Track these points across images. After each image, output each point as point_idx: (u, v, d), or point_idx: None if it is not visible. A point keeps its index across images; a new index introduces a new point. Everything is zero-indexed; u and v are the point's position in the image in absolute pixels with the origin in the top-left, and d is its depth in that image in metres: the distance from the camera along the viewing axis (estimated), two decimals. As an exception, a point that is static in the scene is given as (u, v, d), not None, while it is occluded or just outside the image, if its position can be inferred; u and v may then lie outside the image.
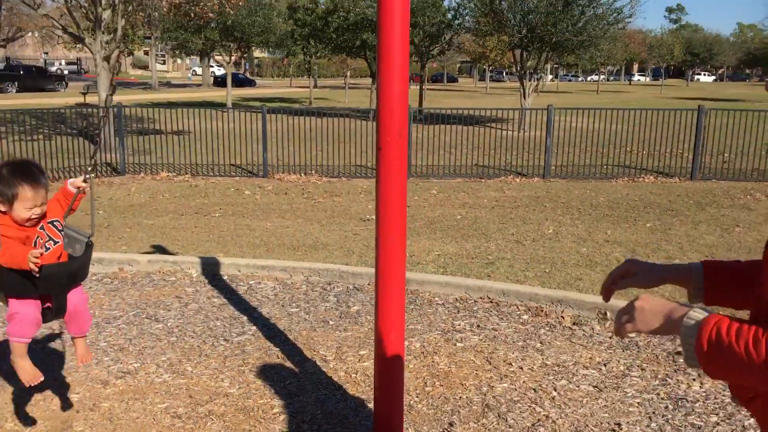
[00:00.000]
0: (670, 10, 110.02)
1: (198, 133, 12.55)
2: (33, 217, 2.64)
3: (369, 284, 5.41)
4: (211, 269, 5.76)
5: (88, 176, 2.87)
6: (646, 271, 1.64)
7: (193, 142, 12.40)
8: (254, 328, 4.56)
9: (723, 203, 9.43)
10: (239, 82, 51.55)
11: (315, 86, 41.50)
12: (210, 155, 12.24)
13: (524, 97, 20.87)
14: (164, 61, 76.59)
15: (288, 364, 3.99)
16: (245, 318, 4.74)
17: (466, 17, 23.69)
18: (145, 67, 71.75)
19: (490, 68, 61.03)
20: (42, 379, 2.80)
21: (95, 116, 14.58)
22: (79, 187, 2.82)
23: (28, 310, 2.69)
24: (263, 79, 72.19)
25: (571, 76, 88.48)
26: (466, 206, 9.19)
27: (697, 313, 1.32)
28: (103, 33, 13.83)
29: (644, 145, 13.00)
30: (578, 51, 22.07)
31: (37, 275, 2.55)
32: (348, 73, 44.54)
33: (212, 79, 55.24)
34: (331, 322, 4.67)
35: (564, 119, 14.33)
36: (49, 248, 2.71)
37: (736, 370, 1.26)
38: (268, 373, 3.86)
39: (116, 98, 15.18)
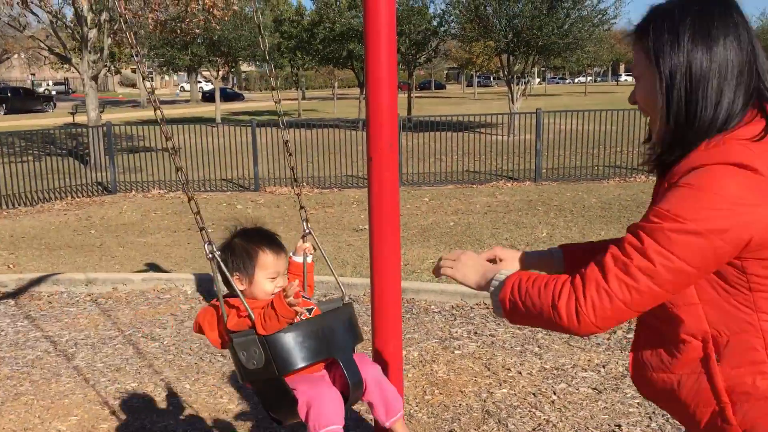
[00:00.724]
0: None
1: (188, 149, 12.54)
2: (276, 290, 2.07)
3: (365, 295, 5.40)
4: (206, 285, 5.73)
5: (307, 231, 2.44)
6: (510, 258, 1.77)
7: (184, 158, 12.38)
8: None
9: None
10: (227, 96, 51.57)
11: (303, 98, 41.56)
12: (201, 171, 12.22)
13: (512, 101, 20.95)
14: (152, 78, 76.58)
15: (286, 378, 3.97)
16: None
17: (452, 24, 23.82)
18: (133, 85, 71.74)
19: (478, 74, 61.30)
20: None
21: (84, 136, 14.55)
22: (304, 250, 2.36)
23: (323, 389, 2.04)
24: (251, 93, 72.22)
25: (559, 78, 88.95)
26: (458, 213, 9.20)
27: (506, 272, 1.49)
28: (89, 52, 13.82)
29: (634, 144, 13.05)
30: (565, 53, 22.20)
31: (307, 316, 2.05)
32: (335, 84, 44.64)
33: (200, 94, 55.23)
34: (328, 334, 4.65)
35: (553, 122, 14.40)
36: (309, 310, 2.14)
37: (532, 315, 1.39)
38: (266, 388, 3.84)
39: (105, 117, 15.17)
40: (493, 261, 1.78)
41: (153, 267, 6.63)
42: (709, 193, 1.23)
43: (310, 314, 2.10)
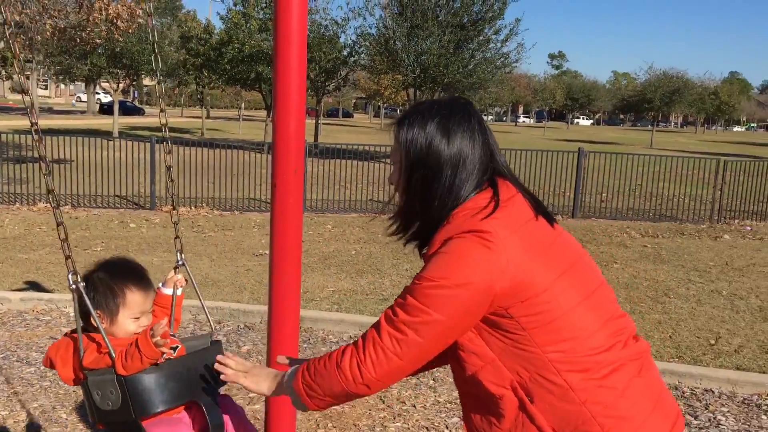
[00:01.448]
0: (552, 56, 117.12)
1: (81, 162, 11.95)
2: (139, 330, 1.94)
3: (261, 322, 5.28)
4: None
5: (180, 262, 2.32)
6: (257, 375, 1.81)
7: (75, 171, 11.79)
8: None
9: (602, 240, 9.96)
10: (127, 110, 49.80)
11: (208, 117, 40.73)
12: (93, 186, 11.67)
13: (417, 134, 21.39)
14: (46, 86, 72.91)
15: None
16: (128, 359, 4.48)
17: (362, 55, 24.13)
18: (26, 92, 68.01)
19: (385, 105, 62.30)
20: None
21: (-35, 142, 13.59)
22: (175, 282, 2.25)
23: (177, 429, 1.95)
24: (153, 108, 70.13)
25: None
26: (360, 241, 9.21)
27: (288, 374, 1.63)
28: (-23, 54, 12.99)
29: (529, 184, 13.57)
30: (469, 92, 22.93)
31: (172, 356, 1.92)
32: (242, 105, 44.08)
33: (98, 106, 53.05)
34: (220, 363, 4.49)
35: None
36: (174, 349, 1.97)
37: (325, 389, 1.53)
38: (151, 418, 3.65)
39: (-10, 123, 14.25)
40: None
41: (34, 286, 6.22)
42: (453, 256, 1.44)
43: (174, 353, 1.96)
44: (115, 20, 13.00)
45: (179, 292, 2.24)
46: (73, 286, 1.85)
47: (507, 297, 1.44)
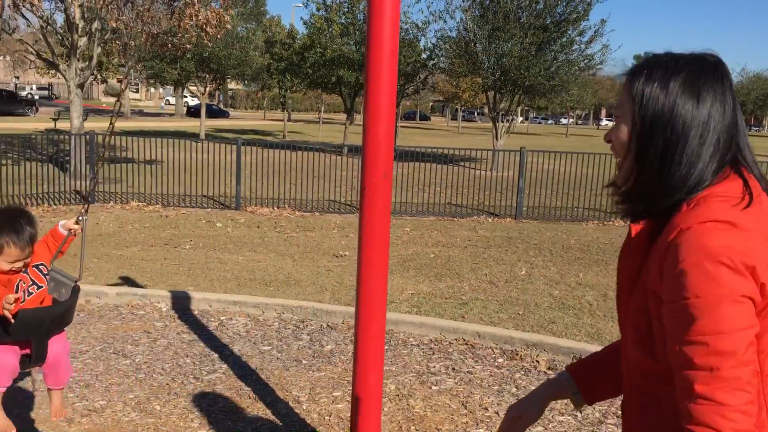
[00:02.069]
0: (637, 57, 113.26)
1: (170, 163, 12.44)
2: (14, 269, 2.54)
3: (343, 323, 5.35)
4: (181, 303, 5.64)
5: (81, 218, 2.78)
6: (526, 408, 1.72)
7: (165, 172, 12.28)
8: (225, 366, 4.46)
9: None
10: (213, 113, 51.48)
11: (289, 119, 41.60)
12: (182, 186, 12.12)
13: (496, 137, 21.17)
14: (137, 89, 76.23)
15: (260, 405, 3.89)
16: (216, 355, 4.63)
17: (441, 58, 24.08)
18: (118, 95, 71.32)
19: (463, 108, 61.98)
20: (14, 431, 2.67)
21: (65, 143, 14.38)
22: (70, 229, 2.74)
23: (4, 358, 2.56)
24: (237, 111, 72.19)
25: (541, 118, 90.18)
26: (439, 245, 9.20)
27: None
28: (78, 60, 13.73)
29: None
30: (550, 95, 22.55)
31: (12, 322, 2.44)
32: (322, 108, 44.82)
33: (185, 109, 55.07)
34: (304, 362, 4.58)
35: (536, 161, 14.54)
36: (31, 293, 2.61)
37: None
38: (239, 414, 3.76)
39: (88, 125, 15.03)
40: (513, 423, 1.73)
41: (128, 281, 6.51)
42: (709, 263, 1.22)
43: (38, 290, 2.63)
44: (204, 26, 13.48)
45: (71, 235, 2.76)
46: None
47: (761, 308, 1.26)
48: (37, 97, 55.84)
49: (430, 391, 4.17)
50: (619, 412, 3.93)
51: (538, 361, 4.67)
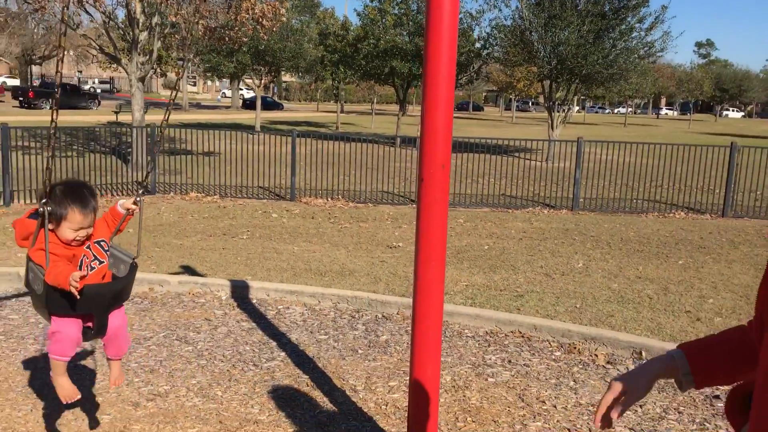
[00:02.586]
0: (699, 45, 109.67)
1: (227, 154, 12.67)
2: (77, 239, 2.67)
3: (398, 313, 5.37)
4: (239, 292, 5.76)
5: (139, 198, 2.90)
6: (633, 383, 1.61)
7: (222, 163, 12.52)
8: (283, 354, 4.54)
9: (756, 242, 9.27)
10: (267, 105, 52.16)
11: (342, 111, 41.82)
12: (238, 177, 12.34)
13: (552, 128, 20.83)
14: (194, 82, 77.80)
15: (317, 392, 3.95)
16: (274, 343, 4.72)
17: (496, 47, 23.80)
18: (176, 89, 72.90)
19: (517, 98, 61.17)
20: (79, 396, 2.82)
21: (127, 135, 14.80)
22: (128, 209, 2.85)
23: (69, 329, 2.70)
24: (290, 103, 72.99)
25: (598, 107, 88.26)
26: (493, 236, 9.13)
27: None
28: (138, 54, 14.09)
29: (674, 180, 12.87)
30: (608, 83, 22.04)
31: (78, 297, 2.55)
32: (375, 99, 44.88)
33: (241, 101, 55.94)
34: (360, 351, 4.63)
35: (593, 151, 14.27)
36: (93, 268, 2.74)
37: None
38: (297, 401, 3.83)
39: (148, 118, 15.43)
40: (620, 396, 1.59)
41: (188, 270, 6.68)
42: None
43: (100, 264, 2.76)
44: (260, 19, 13.65)
45: (127, 214, 2.87)
46: (41, 209, 2.54)
47: None
48: (99, 90, 57.57)
49: (486, 383, 4.15)
50: (681, 408, 3.85)
51: (596, 355, 4.60)
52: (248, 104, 52.52)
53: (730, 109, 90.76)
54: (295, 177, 12.00)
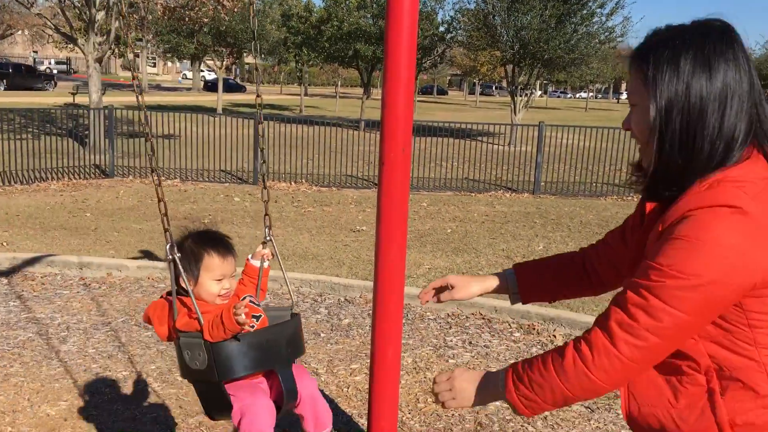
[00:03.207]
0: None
1: (187, 137, 12.49)
2: (222, 292, 2.14)
3: (360, 297, 5.39)
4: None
5: (268, 238, 2.43)
6: (462, 285, 1.88)
7: (183, 146, 12.34)
8: (244, 338, 4.51)
9: (711, 225, 9.50)
10: (229, 87, 51.47)
11: (305, 94, 41.51)
12: (199, 160, 12.18)
13: (515, 112, 20.99)
14: (155, 63, 76.32)
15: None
16: (235, 328, 4.69)
17: (459, 31, 23.83)
18: (132, 69, 71.32)
19: (480, 82, 61.44)
20: None
21: (84, 117, 14.48)
22: (263, 256, 2.37)
23: (258, 398, 2.11)
24: (253, 85, 72.18)
25: (560, 92, 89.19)
26: (456, 220, 9.20)
27: (498, 376, 1.49)
28: (96, 34, 13.76)
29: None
30: (569, 68, 22.28)
31: (253, 328, 2.08)
32: (339, 82, 44.63)
33: (202, 83, 55.07)
34: (322, 335, 4.63)
35: (554, 135, 14.44)
36: (253, 326, 2.13)
37: (550, 399, 1.39)
38: (258, 385, 3.82)
39: (106, 99, 15.11)
40: (444, 288, 1.90)
41: (148, 254, 6.59)
42: (707, 245, 1.22)
43: (257, 321, 2.17)
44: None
45: (266, 264, 2.38)
46: (170, 257, 2.03)
47: (756, 290, 1.27)
48: (55, 71, 56.11)
49: (447, 364, 4.20)
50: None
51: (554, 336, 4.69)
52: (210, 86, 51.78)
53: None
54: (258, 160, 11.88)
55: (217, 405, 2.11)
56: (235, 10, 14.77)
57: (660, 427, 1.41)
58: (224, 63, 31.34)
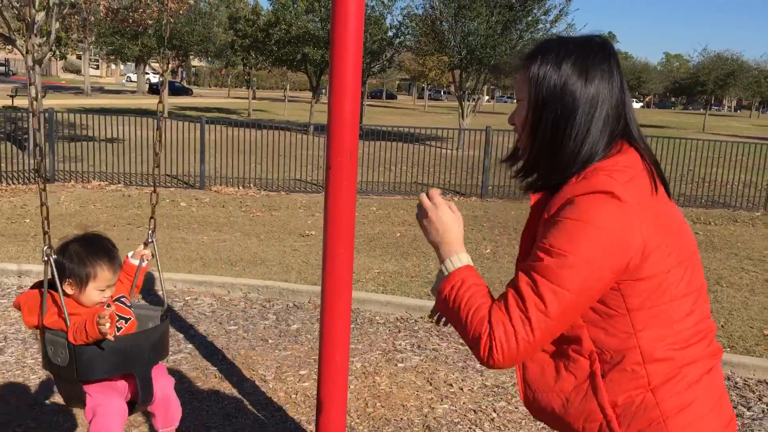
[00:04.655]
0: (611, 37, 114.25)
1: (132, 141, 12.22)
2: (103, 299, 2.22)
3: (309, 302, 5.36)
4: (145, 284, 5.55)
5: (150, 240, 2.52)
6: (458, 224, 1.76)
7: (127, 150, 12.06)
8: (191, 346, 4.44)
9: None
10: (175, 90, 50.54)
11: (254, 97, 41.11)
12: (144, 164, 11.93)
13: (462, 116, 21.22)
14: (98, 65, 74.47)
15: (226, 384, 3.90)
16: (181, 336, 4.61)
17: (408, 36, 23.98)
18: (78, 71, 69.56)
19: (429, 87, 61.92)
20: None
21: (24, 120, 14.02)
22: (142, 255, 2.46)
23: (111, 401, 2.21)
24: (200, 89, 71.09)
25: (507, 97, 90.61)
26: (405, 224, 9.24)
27: (453, 263, 1.53)
28: (35, 35, 13.34)
29: (577, 168, 13.36)
30: (516, 74, 22.59)
31: (113, 338, 2.08)
32: (287, 86, 44.36)
33: (147, 86, 54.00)
34: (270, 341, 4.59)
35: (501, 140, 14.65)
36: (120, 328, 2.23)
37: (456, 325, 1.46)
38: (205, 393, 3.76)
39: (47, 102, 14.67)
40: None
41: (90, 261, 6.42)
42: (586, 225, 1.34)
43: (126, 323, 2.25)
44: (166, 1, 13.20)
45: (144, 264, 2.47)
46: (46, 259, 2.12)
47: (630, 272, 1.38)
48: (-8, 73, 54.15)
49: (395, 368, 4.21)
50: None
51: (502, 338, 4.75)
52: (155, 89, 50.80)
53: (631, 99, 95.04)
54: (205, 165, 11.72)
55: (72, 398, 2.26)
56: (181, 12, 14.54)
57: (551, 410, 1.51)
58: (169, 66, 30.79)
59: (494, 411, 3.68)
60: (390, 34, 24.93)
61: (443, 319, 1.74)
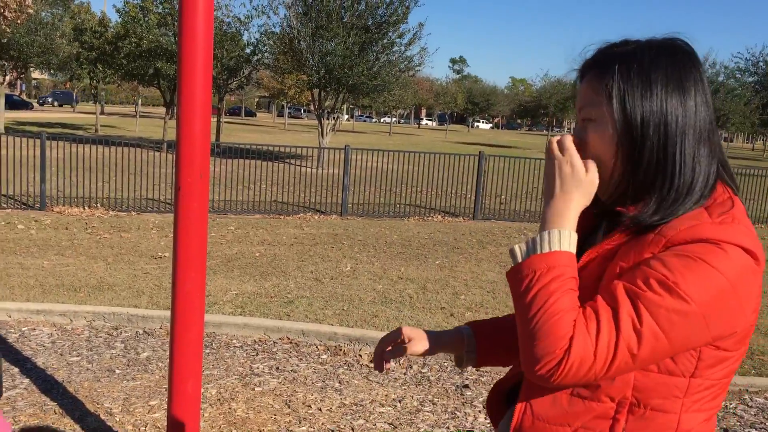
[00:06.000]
0: (453, 61, 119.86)
1: (-39, 159, 11.15)
2: None
3: (161, 328, 5.12)
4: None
5: None
6: (420, 337, 1.57)
7: (-45, 168, 10.99)
8: (27, 380, 4.09)
9: (501, 242, 10.29)
10: (13, 104, 46.91)
11: (102, 113, 39.00)
12: (-24, 184, 10.92)
13: (322, 135, 21.33)
14: None
15: (67, 420, 3.62)
16: (16, 370, 4.24)
17: (265, 53, 23.81)
18: None
19: (289, 105, 61.76)
20: None
21: None
22: None
23: None
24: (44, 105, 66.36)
25: (366, 116, 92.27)
26: (264, 243, 9.10)
27: (560, 240, 1.22)
28: None
29: (432, 186, 13.85)
30: (373, 94, 23.09)
31: None
32: (139, 101, 42.53)
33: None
34: (117, 371, 4.32)
35: (360, 158, 14.87)
36: None
37: (522, 317, 1.20)
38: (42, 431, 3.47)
39: None
40: (399, 344, 1.56)
41: None
42: (721, 278, 1.12)
43: None
44: (2, 10, 12.25)
45: None
46: None
47: (722, 339, 1.19)
48: None
49: (253, 392, 4.11)
50: (435, 400, 4.13)
51: (360, 355, 4.78)
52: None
53: (481, 120, 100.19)
54: (46, 184, 10.92)
55: None
56: (19, 22, 13.54)
57: None
58: (7, 78, 28.54)
59: (352, 429, 3.68)
60: (248, 50, 24.63)
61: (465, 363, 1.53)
